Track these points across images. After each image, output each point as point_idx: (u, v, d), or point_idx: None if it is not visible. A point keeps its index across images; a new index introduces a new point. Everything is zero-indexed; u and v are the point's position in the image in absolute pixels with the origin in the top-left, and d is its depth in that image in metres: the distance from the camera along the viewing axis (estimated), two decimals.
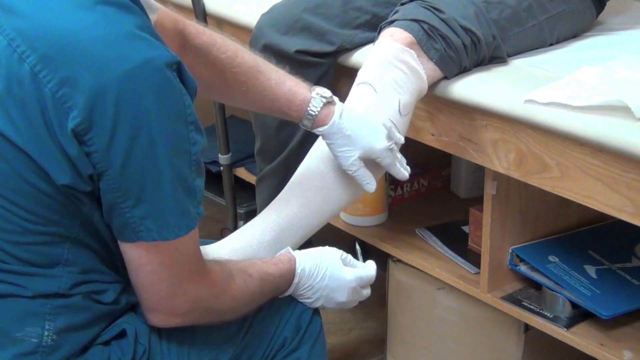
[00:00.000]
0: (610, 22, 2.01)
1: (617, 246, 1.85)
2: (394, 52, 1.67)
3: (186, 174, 1.20)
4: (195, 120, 1.21)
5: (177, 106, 1.17)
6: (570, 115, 1.51)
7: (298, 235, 1.61)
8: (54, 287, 1.23)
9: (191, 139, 1.20)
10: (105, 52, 1.12)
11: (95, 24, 1.14)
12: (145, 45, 1.15)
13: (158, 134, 1.15)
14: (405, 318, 2.08)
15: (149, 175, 1.17)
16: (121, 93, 1.12)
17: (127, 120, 1.13)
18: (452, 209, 2.17)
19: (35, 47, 1.13)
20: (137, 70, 1.13)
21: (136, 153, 1.15)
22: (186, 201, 1.21)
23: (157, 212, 1.19)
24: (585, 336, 1.69)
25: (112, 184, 1.17)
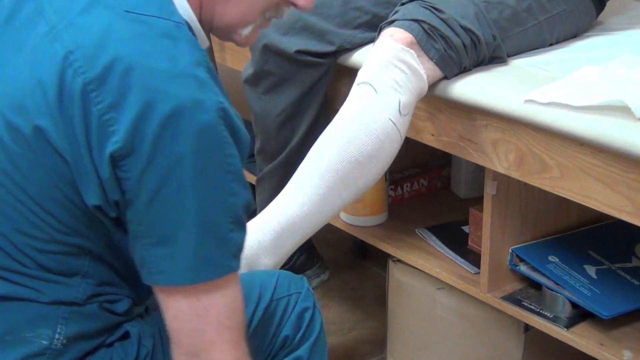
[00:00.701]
0: (610, 22, 2.01)
1: (617, 246, 1.85)
2: (394, 52, 1.67)
3: (219, 224, 1.16)
4: (237, 171, 1.17)
5: (216, 153, 1.14)
6: (570, 115, 1.51)
7: (298, 234, 1.62)
8: (71, 295, 1.23)
9: (230, 189, 1.16)
10: (158, 85, 1.11)
11: (154, 56, 1.13)
12: (197, 86, 1.13)
13: (190, 178, 1.13)
14: (405, 318, 2.08)
15: (174, 218, 1.14)
16: (163, 129, 1.11)
17: (164, 156, 1.12)
18: (452, 209, 2.17)
19: (91, 66, 1.12)
20: (184, 110, 1.11)
21: (165, 192, 1.13)
22: (213, 250, 1.17)
23: (176, 256, 1.16)
24: (585, 336, 1.69)
25: (137, 216, 1.15)
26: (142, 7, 1.15)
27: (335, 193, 1.63)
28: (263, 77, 1.95)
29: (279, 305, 1.47)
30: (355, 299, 2.50)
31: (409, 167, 2.26)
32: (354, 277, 2.60)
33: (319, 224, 1.65)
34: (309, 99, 1.94)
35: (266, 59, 1.92)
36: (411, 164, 2.27)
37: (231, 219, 1.17)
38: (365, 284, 2.57)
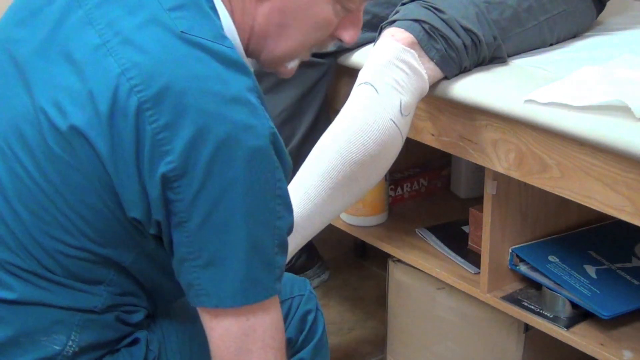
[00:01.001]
0: (610, 22, 2.02)
1: (617, 246, 1.85)
2: (395, 52, 1.67)
3: (266, 246, 1.17)
4: (284, 195, 1.19)
5: (267, 177, 1.15)
6: (570, 115, 1.51)
7: (300, 235, 1.62)
8: (90, 303, 1.22)
9: (277, 212, 1.17)
10: (212, 108, 1.11)
11: (209, 80, 1.13)
12: (250, 111, 1.14)
13: (242, 201, 1.13)
14: (405, 318, 2.08)
15: (224, 241, 1.15)
16: (218, 152, 1.11)
17: (217, 180, 1.12)
18: (452, 209, 2.17)
19: (148, 85, 1.11)
20: (238, 134, 1.12)
21: (216, 215, 1.13)
22: (260, 272, 1.17)
23: (225, 278, 1.16)
24: (585, 336, 1.69)
25: (188, 237, 1.15)
26: (197, 30, 1.15)
27: (337, 194, 1.63)
28: (263, 77, 1.95)
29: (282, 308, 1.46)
30: (355, 299, 2.50)
31: (409, 167, 2.26)
32: (354, 277, 2.60)
33: (321, 224, 1.65)
34: (309, 99, 1.94)
35: None
36: (411, 164, 2.27)
37: (277, 242, 1.18)
38: (365, 284, 2.57)
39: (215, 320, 1.19)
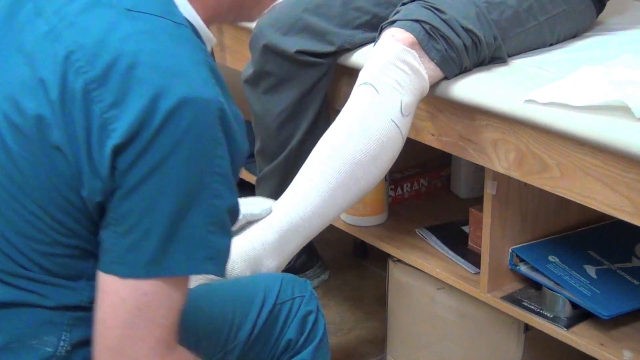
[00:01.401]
0: (610, 22, 2.02)
1: (617, 246, 1.85)
2: (395, 52, 1.67)
3: (196, 223, 1.14)
4: (225, 174, 1.16)
5: (207, 151, 1.14)
6: (570, 115, 1.51)
7: (301, 236, 1.62)
8: (76, 299, 1.21)
9: (214, 190, 1.15)
10: (160, 82, 1.11)
11: (156, 53, 1.12)
12: (198, 84, 1.13)
13: (177, 173, 1.12)
14: (405, 318, 2.08)
15: (149, 210, 1.13)
16: (164, 123, 1.10)
17: (157, 149, 1.11)
18: (452, 209, 2.17)
19: (93, 65, 1.11)
20: (185, 105, 1.11)
21: (149, 183, 1.12)
22: (183, 249, 1.14)
23: (141, 248, 1.13)
24: (585, 336, 1.69)
25: (115, 203, 1.14)
26: (142, 5, 1.15)
27: (338, 194, 1.63)
28: (263, 77, 1.95)
29: (283, 309, 1.47)
30: (355, 299, 2.50)
31: (409, 167, 2.26)
32: (354, 277, 2.60)
33: (322, 225, 1.65)
34: (309, 99, 1.94)
35: (266, 59, 1.92)
36: (411, 164, 2.27)
37: (212, 220, 1.15)
38: (365, 284, 2.57)
39: (114, 286, 1.14)
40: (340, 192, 1.63)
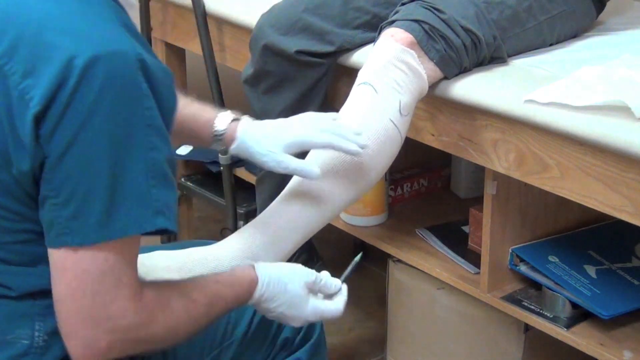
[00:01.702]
0: (610, 22, 2.02)
1: (617, 246, 1.85)
2: (394, 52, 1.67)
3: (136, 179, 1.13)
4: (157, 125, 1.15)
5: (134, 105, 1.13)
6: (570, 115, 1.51)
7: (299, 235, 1.61)
8: (39, 284, 1.20)
9: (149, 143, 1.14)
10: (69, 42, 1.11)
11: (64, 16, 1.13)
12: (111, 37, 1.13)
13: (104, 131, 1.11)
14: (405, 318, 2.08)
15: (85, 173, 1.12)
16: (80, 81, 1.10)
17: (77, 110, 1.10)
18: (452, 209, 2.17)
19: (1, 40, 1.12)
20: (100, 60, 1.10)
21: (76, 147, 1.11)
22: (130, 207, 1.13)
23: (86, 214, 1.12)
24: (585, 336, 1.69)
25: (48, 173, 1.12)
26: None
27: (336, 193, 1.63)
28: (263, 77, 1.95)
29: None
30: (355, 299, 2.50)
31: (409, 167, 2.26)
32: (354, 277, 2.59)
33: (320, 224, 1.65)
34: (309, 99, 1.94)
35: (266, 59, 1.92)
36: (411, 164, 2.27)
37: (152, 174, 1.14)
38: (365, 284, 2.57)
39: (72, 260, 1.14)
40: (338, 192, 1.63)
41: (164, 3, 2.41)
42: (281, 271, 1.37)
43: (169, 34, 2.42)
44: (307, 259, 2.32)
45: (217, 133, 1.55)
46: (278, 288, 1.35)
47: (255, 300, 1.34)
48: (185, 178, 2.58)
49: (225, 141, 1.55)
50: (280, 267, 1.39)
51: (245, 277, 1.34)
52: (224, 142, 1.55)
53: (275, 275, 1.36)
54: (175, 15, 2.39)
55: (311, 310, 1.39)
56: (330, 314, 1.42)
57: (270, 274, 1.35)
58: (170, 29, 2.42)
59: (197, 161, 2.55)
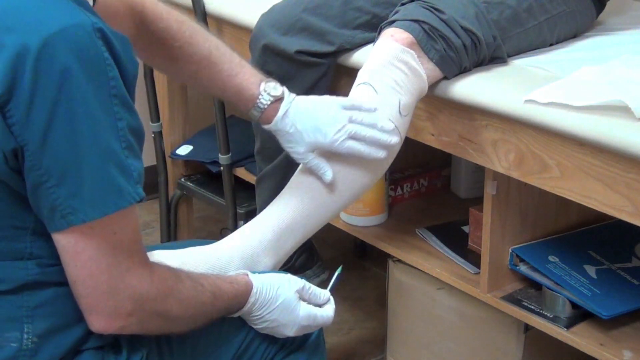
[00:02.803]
0: (610, 22, 2.01)
1: (617, 246, 1.85)
2: (394, 52, 1.67)
3: (116, 150, 1.14)
4: (121, 94, 1.15)
5: (99, 74, 1.12)
6: (570, 115, 1.51)
7: (299, 235, 1.61)
8: (23, 276, 1.20)
9: (116, 113, 1.14)
10: (20, 22, 1.10)
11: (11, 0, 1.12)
12: (63, 12, 1.12)
13: (79, 104, 1.11)
14: (405, 318, 2.08)
15: (71, 149, 1.12)
16: (39, 61, 1.09)
17: (46, 89, 1.10)
18: (452, 209, 2.17)
19: None
20: (56, 36, 1.10)
21: (56, 125, 1.11)
22: (119, 178, 1.15)
23: (83, 189, 1.13)
24: (585, 336, 1.69)
25: (34, 160, 1.12)
26: None
27: (336, 193, 1.63)
28: None
29: None
30: (355, 299, 2.51)
31: (409, 167, 2.26)
32: (354, 277, 2.60)
33: (319, 224, 1.65)
34: None
35: (266, 59, 1.92)
36: (411, 164, 2.27)
37: (124, 144, 1.15)
38: (365, 284, 2.58)
39: (85, 239, 1.15)
40: (338, 191, 1.63)
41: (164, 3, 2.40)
42: (272, 278, 1.41)
43: None
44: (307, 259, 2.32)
45: (255, 113, 1.59)
46: (270, 294, 1.38)
47: (249, 305, 1.37)
48: (185, 178, 2.58)
49: (261, 118, 1.60)
50: (271, 275, 1.42)
51: (242, 280, 1.38)
52: (260, 118, 1.60)
53: (267, 281, 1.39)
54: None
55: (304, 314, 1.42)
56: (323, 320, 1.45)
57: (263, 280, 1.39)
58: None
59: (197, 161, 2.55)
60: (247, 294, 1.36)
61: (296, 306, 1.41)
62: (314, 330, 1.48)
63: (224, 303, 1.34)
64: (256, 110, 1.59)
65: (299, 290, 1.42)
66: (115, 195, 1.15)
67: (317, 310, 1.44)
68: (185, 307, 1.26)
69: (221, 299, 1.32)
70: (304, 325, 1.43)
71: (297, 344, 1.47)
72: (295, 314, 1.41)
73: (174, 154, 2.56)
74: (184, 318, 1.28)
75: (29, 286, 1.21)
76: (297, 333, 1.43)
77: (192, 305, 1.28)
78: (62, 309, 1.23)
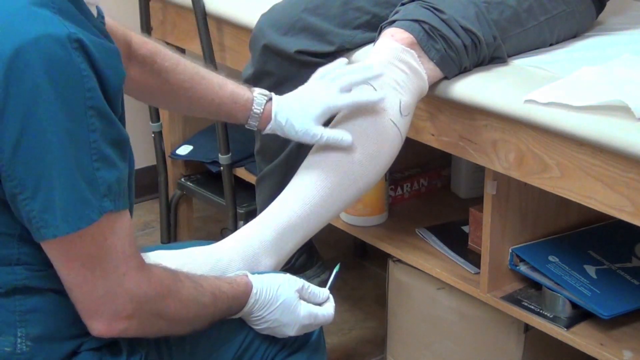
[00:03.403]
0: (610, 22, 2.02)
1: (617, 246, 1.85)
2: (394, 52, 1.67)
3: (84, 163, 1.14)
4: (98, 105, 1.14)
5: (72, 86, 1.11)
6: (570, 115, 1.51)
7: (299, 235, 1.61)
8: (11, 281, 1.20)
9: (90, 125, 1.13)
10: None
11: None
12: (38, 22, 1.11)
13: (49, 116, 1.10)
14: (405, 318, 2.08)
15: (41, 162, 1.11)
16: (10, 71, 1.09)
17: (17, 100, 1.09)
18: (452, 209, 2.17)
19: None
20: (29, 46, 1.09)
21: (27, 136, 1.10)
22: (86, 191, 1.14)
23: (54, 203, 1.13)
24: (585, 336, 1.69)
25: (7, 171, 1.12)
26: None
27: (336, 193, 1.63)
28: (263, 77, 1.95)
29: None
30: (355, 299, 2.51)
31: (409, 167, 2.26)
32: (354, 277, 2.60)
33: (320, 224, 1.65)
34: None
35: (266, 59, 1.92)
36: (411, 164, 2.27)
37: (95, 156, 1.14)
38: (365, 284, 2.58)
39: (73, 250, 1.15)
40: (339, 192, 1.63)
41: (164, 3, 2.41)
42: (272, 278, 1.41)
43: (169, 34, 2.42)
44: (307, 259, 2.32)
45: (255, 114, 1.61)
46: (271, 293, 1.38)
47: (249, 306, 1.37)
48: (185, 178, 2.58)
49: (260, 121, 1.62)
50: (270, 275, 1.42)
51: (242, 280, 1.38)
52: (259, 122, 1.62)
53: (266, 282, 1.39)
54: (175, 15, 2.39)
55: (305, 313, 1.42)
56: (324, 318, 1.45)
57: (262, 280, 1.39)
58: (170, 29, 2.42)
59: (197, 161, 2.55)
60: (247, 294, 1.36)
61: (297, 306, 1.41)
62: (314, 329, 1.47)
63: (225, 304, 1.34)
64: (255, 113, 1.61)
65: (299, 290, 1.42)
66: (86, 209, 1.14)
67: (318, 309, 1.44)
68: (186, 307, 1.26)
69: (222, 300, 1.32)
70: (305, 324, 1.43)
71: (297, 345, 1.47)
72: (296, 313, 1.41)
73: (174, 154, 2.56)
74: (185, 319, 1.27)
75: (19, 290, 1.21)
76: (298, 332, 1.43)
77: (192, 306, 1.27)
78: (57, 314, 1.23)
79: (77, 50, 1.11)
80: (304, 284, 1.45)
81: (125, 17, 2.41)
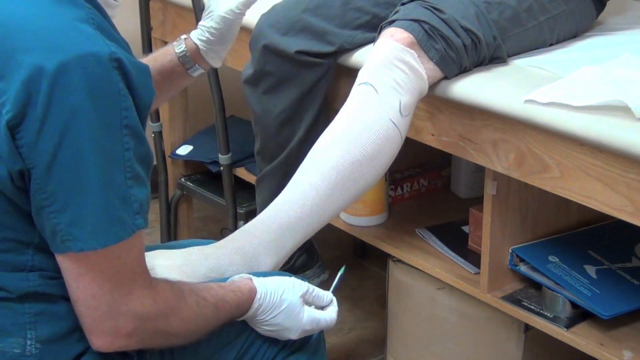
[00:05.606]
0: (610, 22, 2.02)
1: (617, 246, 1.85)
2: (394, 52, 1.67)
3: (118, 181, 1.15)
4: (133, 124, 1.16)
5: (111, 105, 1.13)
6: (570, 115, 1.51)
7: (299, 235, 1.62)
8: (24, 287, 1.21)
9: (125, 144, 1.15)
10: (39, 44, 1.10)
11: (33, 17, 1.12)
12: (83, 39, 1.12)
13: (87, 134, 1.12)
14: (405, 318, 2.08)
15: (76, 178, 1.13)
16: (54, 86, 1.10)
17: (57, 115, 1.10)
18: (452, 209, 2.17)
19: None
20: (72, 63, 1.10)
21: (63, 152, 1.11)
22: (119, 209, 1.16)
23: (85, 219, 1.14)
24: (585, 336, 1.69)
25: (39, 183, 1.13)
26: None
27: (336, 193, 1.63)
28: (263, 78, 1.95)
29: None
30: (355, 299, 2.51)
31: (409, 167, 2.26)
32: (354, 277, 2.60)
33: (319, 224, 1.65)
34: (309, 99, 1.94)
35: (266, 59, 1.92)
36: (411, 164, 2.27)
37: (129, 174, 1.16)
38: (365, 284, 2.58)
39: (85, 265, 1.16)
40: (339, 191, 1.63)
41: (164, 3, 2.41)
42: (276, 282, 1.41)
43: (169, 34, 2.42)
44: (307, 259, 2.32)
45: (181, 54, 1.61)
46: (275, 298, 1.38)
47: (253, 310, 1.37)
48: (185, 178, 2.58)
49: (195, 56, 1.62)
50: (275, 279, 1.42)
51: (245, 286, 1.38)
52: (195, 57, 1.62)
53: (271, 286, 1.39)
54: (175, 15, 2.39)
55: (308, 318, 1.42)
56: (326, 323, 1.45)
57: (267, 284, 1.39)
58: (170, 29, 2.42)
59: (197, 161, 2.55)
60: (251, 300, 1.37)
61: (300, 311, 1.41)
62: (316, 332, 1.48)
63: (227, 314, 1.34)
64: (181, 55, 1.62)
65: (303, 294, 1.43)
66: (116, 227, 1.16)
67: (321, 314, 1.45)
68: (187, 324, 1.27)
69: (224, 310, 1.33)
70: (307, 329, 1.43)
71: (297, 345, 1.47)
72: (299, 318, 1.41)
73: (174, 154, 2.56)
74: (185, 334, 1.28)
75: (31, 295, 1.22)
76: (300, 336, 1.44)
77: (193, 322, 1.28)
78: (66, 318, 1.23)
79: (117, 69, 1.13)
80: (309, 287, 1.44)
81: (126, 17, 2.40)
